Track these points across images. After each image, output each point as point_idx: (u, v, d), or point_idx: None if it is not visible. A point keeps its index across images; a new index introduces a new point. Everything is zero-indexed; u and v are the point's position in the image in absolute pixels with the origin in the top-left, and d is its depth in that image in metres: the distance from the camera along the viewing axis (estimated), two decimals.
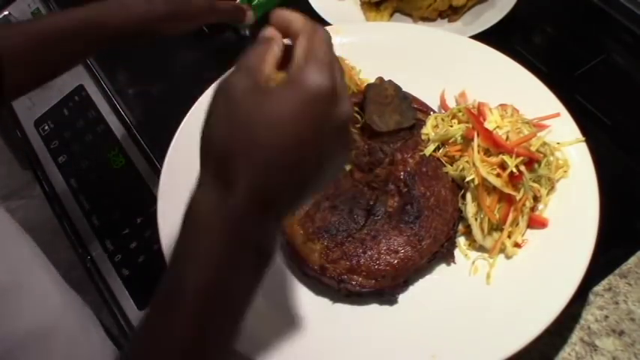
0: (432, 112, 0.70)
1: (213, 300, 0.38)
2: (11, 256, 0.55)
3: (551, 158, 0.63)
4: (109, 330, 0.68)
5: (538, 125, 0.66)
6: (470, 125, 0.64)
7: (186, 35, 0.71)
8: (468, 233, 0.63)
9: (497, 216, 0.61)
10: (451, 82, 0.72)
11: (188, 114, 0.72)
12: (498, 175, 0.60)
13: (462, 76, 0.72)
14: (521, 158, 0.60)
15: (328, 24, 0.85)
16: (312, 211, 0.62)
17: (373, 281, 0.59)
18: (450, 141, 0.65)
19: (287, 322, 0.59)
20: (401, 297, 0.60)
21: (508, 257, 0.61)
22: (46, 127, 0.91)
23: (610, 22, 0.88)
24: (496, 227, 0.61)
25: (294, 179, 0.39)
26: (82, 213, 0.82)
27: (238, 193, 0.37)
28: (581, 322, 0.62)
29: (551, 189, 0.63)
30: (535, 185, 0.62)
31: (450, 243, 0.62)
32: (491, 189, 0.61)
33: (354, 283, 0.59)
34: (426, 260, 0.60)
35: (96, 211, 0.81)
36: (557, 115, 0.67)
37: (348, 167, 0.66)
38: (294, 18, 0.42)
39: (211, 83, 0.75)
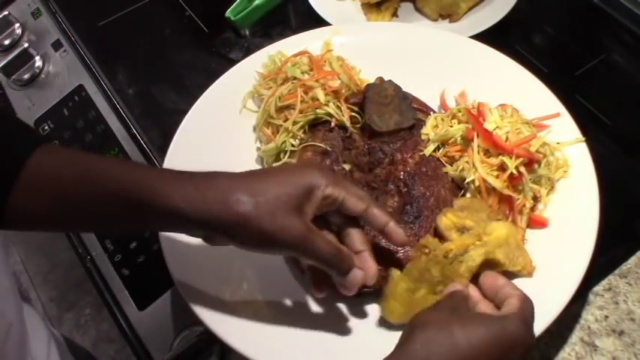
0: (432, 112, 0.70)
1: None
2: None
3: (551, 158, 0.63)
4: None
5: (538, 125, 0.66)
6: (470, 125, 0.64)
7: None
8: None
9: None
10: (451, 82, 0.72)
11: (188, 114, 0.72)
12: (498, 177, 0.60)
13: (462, 76, 0.72)
14: (521, 159, 0.60)
15: (328, 24, 0.85)
16: None
17: None
18: (450, 141, 0.65)
19: (286, 321, 0.59)
20: None
21: None
22: (46, 127, 0.91)
23: (610, 22, 0.88)
24: None
25: None
26: None
27: None
28: (581, 322, 0.62)
29: (551, 189, 0.63)
30: (535, 186, 0.62)
31: None
32: (492, 189, 0.61)
33: None
34: None
35: None
36: (557, 115, 0.67)
37: (347, 167, 0.66)
38: (503, 283, 0.52)
39: (211, 83, 0.75)
